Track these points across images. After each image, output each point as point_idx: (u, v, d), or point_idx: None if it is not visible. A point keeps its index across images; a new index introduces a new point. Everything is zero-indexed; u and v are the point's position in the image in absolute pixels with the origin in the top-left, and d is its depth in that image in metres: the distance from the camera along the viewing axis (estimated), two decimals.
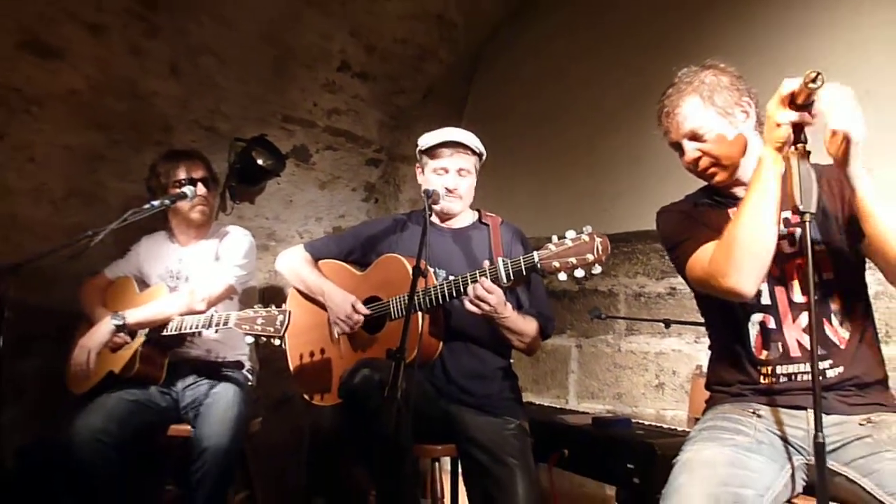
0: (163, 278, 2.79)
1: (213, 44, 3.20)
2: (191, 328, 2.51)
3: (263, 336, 2.33)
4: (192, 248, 2.84)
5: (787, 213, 1.69)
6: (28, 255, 2.28)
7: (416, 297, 2.09)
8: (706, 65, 1.78)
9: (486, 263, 2.14)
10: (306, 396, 2.53)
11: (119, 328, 2.51)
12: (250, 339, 2.38)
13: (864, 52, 2.81)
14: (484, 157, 2.55)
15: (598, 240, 1.95)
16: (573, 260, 1.96)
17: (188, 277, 2.77)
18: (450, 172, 2.45)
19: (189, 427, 2.52)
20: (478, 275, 2.13)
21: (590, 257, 1.94)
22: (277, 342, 2.36)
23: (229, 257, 2.74)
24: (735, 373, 1.76)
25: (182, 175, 2.72)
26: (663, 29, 3.43)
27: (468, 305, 2.13)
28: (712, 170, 1.75)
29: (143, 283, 2.84)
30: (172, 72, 3.17)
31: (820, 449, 1.33)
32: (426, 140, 2.50)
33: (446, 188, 2.43)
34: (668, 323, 2.88)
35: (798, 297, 1.69)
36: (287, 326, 2.31)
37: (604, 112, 3.68)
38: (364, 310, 2.38)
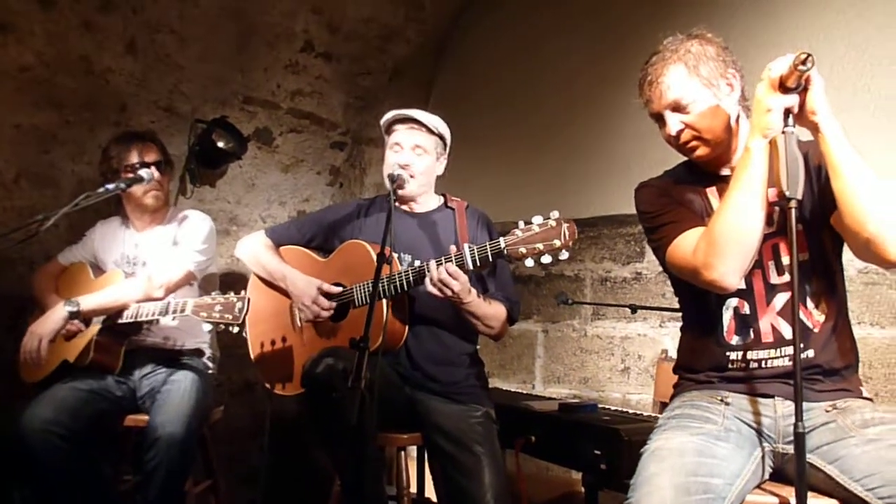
0: (118, 264, 2.70)
1: (171, 20, 3.09)
2: (147, 315, 2.44)
3: (222, 324, 2.28)
4: (148, 233, 2.75)
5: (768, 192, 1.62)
6: None
7: (380, 284, 2.05)
8: (692, 34, 1.71)
9: (453, 249, 2.10)
10: (268, 386, 2.48)
11: (73, 315, 2.42)
12: (208, 327, 2.32)
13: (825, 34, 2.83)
14: (447, 141, 2.50)
15: (564, 225, 1.92)
16: (540, 246, 1.94)
17: (145, 263, 2.69)
18: (404, 149, 2.40)
19: (146, 417, 2.45)
20: (444, 261, 2.09)
21: (557, 243, 1.92)
22: (236, 330, 2.30)
23: (188, 242, 2.65)
24: (704, 359, 1.74)
25: (134, 159, 2.61)
26: (631, 10, 3.41)
27: (430, 288, 2.09)
28: (693, 143, 1.69)
29: (99, 270, 2.75)
30: (128, 49, 3.06)
31: (800, 439, 1.32)
32: (385, 117, 2.47)
33: (398, 164, 2.37)
34: (633, 308, 2.88)
35: (774, 278, 1.66)
36: (246, 313, 2.26)
37: (571, 95, 3.66)
38: (333, 289, 2.33)
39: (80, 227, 2.92)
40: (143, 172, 2.53)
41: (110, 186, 2.39)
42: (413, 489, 2.52)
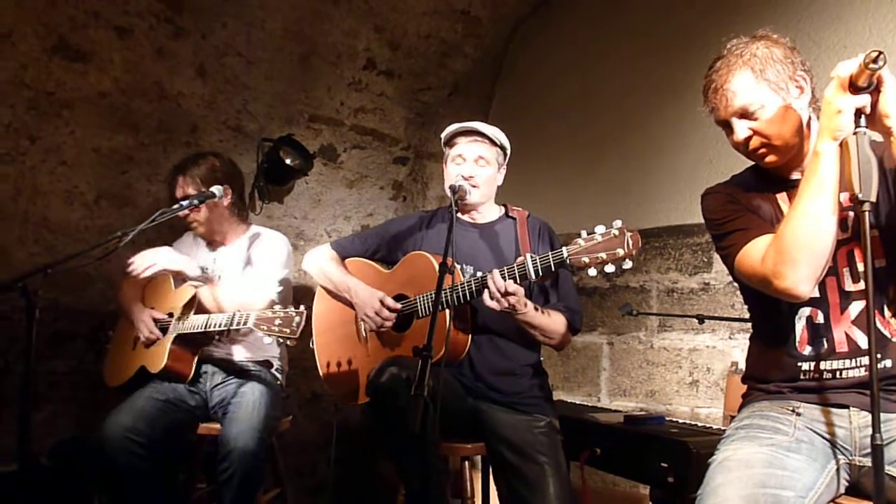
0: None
1: (238, 44, 3.22)
2: (214, 326, 2.52)
3: (280, 337, 2.31)
4: (222, 249, 2.86)
5: (841, 196, 1.53)
6: (60, 256, 2.31)
7: (443, 294, 2.06)
8: (757, 35, 1.63)
9: (519, 260, 2.10)
10: (334, 395, 2.52)
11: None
12: (269, 340, 2.38)
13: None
14: (508, 151, 2.52)
15: (628, 234, 1.90)
16: (603, 255, 1.92)
17: (220, 277, 2.78)
18: (467, 161, 2.43)
19: (218, 426, 2.54)
20: (506, 272, 2.10)
21: (620, 252, 1.90)
22: (292, 343, 2.34)
23: (270, 269, 2.72)
24: (775, 369, 1.68)
25: (178, 194, 2.72)
26: (692, 19, 3.37)
27: (487, 302, 2.10)
28: (763, 151, 1.62)
29: (180, 280, 2.85)
30: (199, 73, 3.19)
31: (878, 451, 1.26)
32: (446, 131, 2.50)
33: (462, 175, 2.40)
34: (701, 319, 2.82)
35: (849, 285, 1.59)
36: (302, 328, 2.29)
37: (632, 105, 3.62)
38: (394, 304, 2.36)
39: (155, 243, 3.03)
40: (214, 189, 2.62)
41: (185, 203, 2.49)
42: (479, 500, 2.51)
